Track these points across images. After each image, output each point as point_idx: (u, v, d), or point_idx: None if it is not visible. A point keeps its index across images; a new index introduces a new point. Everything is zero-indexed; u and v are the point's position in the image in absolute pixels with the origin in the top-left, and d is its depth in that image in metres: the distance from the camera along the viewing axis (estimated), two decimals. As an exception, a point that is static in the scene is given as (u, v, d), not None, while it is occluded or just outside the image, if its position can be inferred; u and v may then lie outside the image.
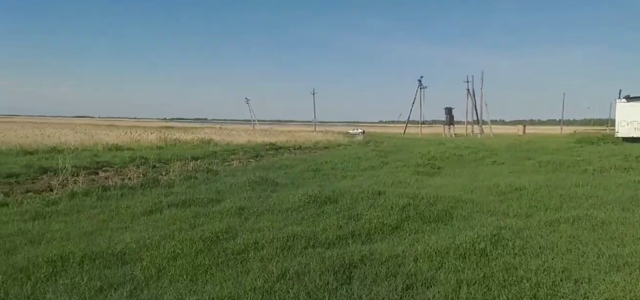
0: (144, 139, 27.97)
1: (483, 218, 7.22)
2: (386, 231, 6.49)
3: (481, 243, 5.45)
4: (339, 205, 8.08)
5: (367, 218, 7.01)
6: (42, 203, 8.49)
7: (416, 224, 6.84)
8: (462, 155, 20.06)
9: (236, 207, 7.95)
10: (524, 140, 33.19)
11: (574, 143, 26.87)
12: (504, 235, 5.83)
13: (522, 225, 6.56)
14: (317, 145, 32.05)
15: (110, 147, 23.18)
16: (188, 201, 8.62)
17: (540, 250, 5.36)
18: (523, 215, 7.51)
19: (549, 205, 8.24)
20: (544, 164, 15.30)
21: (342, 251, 5.36)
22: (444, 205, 7.85)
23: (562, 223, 6.69)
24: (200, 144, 28.48)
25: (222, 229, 6.35)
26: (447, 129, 65.85)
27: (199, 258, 5.30)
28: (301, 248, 5.63)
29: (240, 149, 25.29)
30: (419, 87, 70.75)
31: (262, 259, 5.23)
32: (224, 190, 10.17)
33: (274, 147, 28.44)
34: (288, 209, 7.91)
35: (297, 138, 38.89)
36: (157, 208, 8.07)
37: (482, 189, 10.25)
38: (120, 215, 7.63)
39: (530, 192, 9.48)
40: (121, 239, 6.06)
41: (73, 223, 7.06)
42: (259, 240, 5.83)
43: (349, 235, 6.26)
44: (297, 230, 6.33)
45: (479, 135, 59.94)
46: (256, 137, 38.87)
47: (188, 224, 6.87)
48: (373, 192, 8.98)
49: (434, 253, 5.25)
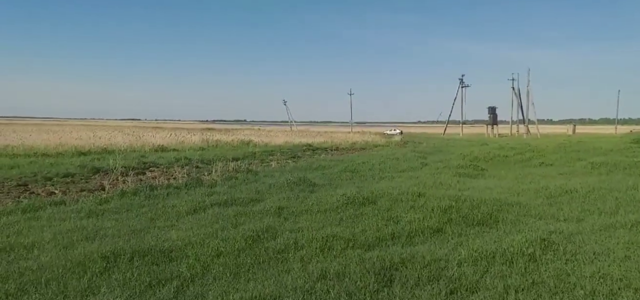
0: (187, 141, 28.86)
1: (531, 222, 6.93)
2: (427, 234, 6.35)
3: (530, 248, 5.22)
4: (377, 206, 8.00)
5: (407, 220, 6.90)
6: (95, 202, 8.93)
7: (459, 227, 6.65)
8: (507, 156, 19.38)
9: (276, 207, 8.05)
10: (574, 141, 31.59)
11: (631, 143, 25.24)
12: (554, 240, 5.56)
13: (573, 230, 6.24)
14: (354, 146, 31.94)
15: (156, 148, 24.09)
16: (229, 201, 8.81)
17: (594, 256, 5.06)
18: (574, 219, 7.14)
19: (603, 209, 7.79)
20: (597, 165, 14.50)
21: (382, 253, 5.30)
22: (489, 208, 7.60)
23: (618, 228, 6.31)
24: (240, 145, 29.08)
25: (263, 228, 6.44)
26: (490, 129, 63.96)
27: (241, 256, 5.40)
28: (341, 249, 5.61)
29: (278, 149, 25.60)
30: (460, 86, 69.09)
31: (302, 259, 5.26)
32: (263, 190, 10.31)
33: (311, 147, 28.58)
34: (326, 209, 7.91)
35: (333, 139, 38.92)
36: (201, 207, 8.29)
37: (530, 191, 9.84)
38: (166, 214, 7.89)
39: (582, 195, 9.01)
40: (168, 236, 6.28)
41: (123, 221, 7.37)
42: (298, 240, 5.86)
43: (389, 237, 6.18)
44: (336, 231, 6.32)
45: (525, 135, 57.75)
46: (293, 138, 39.22)
47: (230, 223, 7.01)
48: (413, 193, 8.83)
49: (479, 257, 5.09)
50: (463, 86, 68.97)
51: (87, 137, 28.02)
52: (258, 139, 34.00)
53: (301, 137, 41.56)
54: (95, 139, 26.42)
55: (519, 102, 63.12)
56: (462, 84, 68.98)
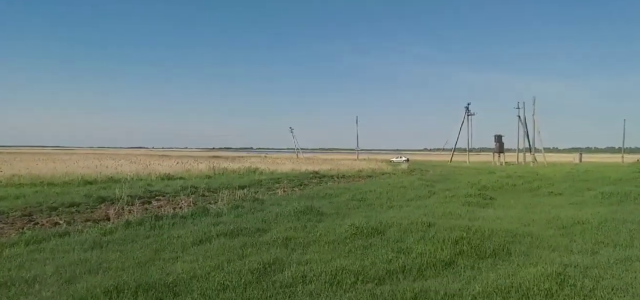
0: (194, 169, 28.89)
1: (545, 254, 6.74)
2: (439, 267, 6.18)
3: (546, 283, 5.04)
4: (386, 237, 7.85)
5: (417, 252, 6.73)
6: (100, 232, 8.83)
7: (471, 259, 6.48)
8: (516, 185, 19.18)
9: (283, 238, 7.92)
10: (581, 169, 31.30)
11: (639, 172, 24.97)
12: (570, 274, 5.38)
13: (589, 263, 6.05)
14: (361, 174, 31.79)
15: (163, 176, 24.09)
16: (236, 231, 8.68)
17: (613, 292, 4.88)
18: (589, 252, 6.94)
19: (617, 241, 7.60)
20: (607, 195, 14.26)
21: (393, 288, 5.14)
22: (501, 240, 7.42)
23: (634, 261, 6.12)
24: (246, 173, 29.04)
25: (270, 261, 6.30)
26: (497, 157, 63.64)
27: (248, 291, 5.25)
28: (350, 283, 5.45)
29: (285, 177, 25.51)
30: (466, 114, 69.19)
31: (311, 294, 5.11)
32: (270, 219, 10.19)
33: (317, 175, 28.47)
34: (334, 240, 7.76)
35: (340, 166, 38.82)
36: (207, 238, 8.17)
37: (541, 222, 9.65)
38: (171, 245, 7.77)
39: (595, 226, 8.82)
40: (173, 269, 6.14)
41: (128, 253, 7.25)
42: (306, 274, 5.71)
43: (400, 270, 6.01)
44: (345, 263, 6.16)
45: (532, 163, 57.37)
46: (300, 165, 39.17)
47: (236, 255, 6.87)
48: (422, 223, 8.67)
49: (494, 292, 4.91)
50: (469, 114, 69.12)
51: (94, 166, 28.14)
52: (264, 167, 34.00)
53: (307, 164, 41.53)
54: (102, 168, 26.51)
55: (525, 130, 63.06)
56: (468, 112, 69.15)
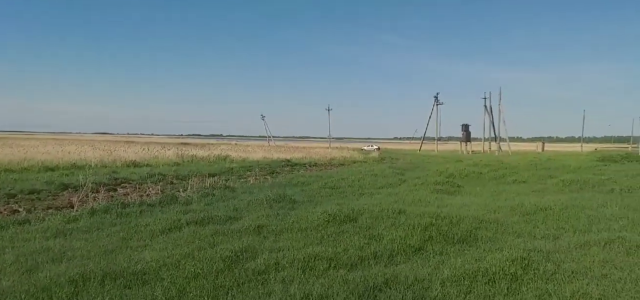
0: (161, 156, 28.24)
1: (510, 239, 6.99)
2: (409, 252, 6.30)
3: (511, 267, 5.23)
4: (358, 224, 7.93)
5: (388, 238, 6.84)
6: (63, 220, 8.52)
7: (440, 245, 6.63)
8: (482, 173, 19.73)
9: (255, 226, 7.87)
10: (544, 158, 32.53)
11: (597, 161, 26.22)
12: (533, 258, 5.60)
13: (551, 248, 6.31)
14: (333, 162, 31.95)
15: (129, 163, 23.45)
16: (206, 219, 8.56)
17: (573, 275, 5.12)
18: (551, 237, 7.24)
19: (577, 227, 7.95)
20: (568, 182, 14.89)
21: (365, 273, 5.21)
22: (468, 226, 7.63)
23: (593, 246, 6.42)
24: (216, 161, 28.65)
25: (242, 248, 6.25)
26: (464, 146, 65.19)
27: (220, 278, 5.20)
28: (323, 269, 5.49)
29: (256, 165, 25.33)
30: (435, 103, 70.40)
31: (284, 281, 5.11)
32: (241, 207, 10.11)
33: (289, 163, 28.41)
34: (307, 227, 7.78)
35: (312, 154, 38.87)
36: (176, 226, 8.02)
37: (506, 208, 9.97)
38: (139, 233, 7.59)
39: (557, 213, 9.19)
40: (141, 257, 6.00)
41: (93, 241, 7.04)
42: (279, 261, 5.71)
43: (371, 256, 6.09)
44: (318, 250, 6.19)
45: (497, 152, 59.12)
46: (272, 153, 38.96)
47: (207, 243, 6.78)
48: (393, 210, 8.80)
49: (462, 277, 5.06)
50: (438, 104, 70.36)
51: (55, 152, 27.00)
52: (235, 154, 33.62)
53: (279, 152, 41.33)
54: (64, 154, 25.49)
55: (491, 119, 64.81)
56: (437, 102, 70.37)
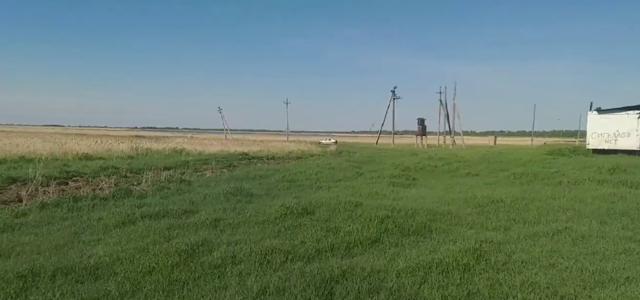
0: (115, 148, 27.16)
1: (463, 231, 7.24)
2: (366, 244, 6.40)
3: (464, 258, 5.43)
4: (316, 217, 7.98)
5: (345, 231, 6.92)
6: (11, 215, 8.11)
7: (395, 237, 6.79)
8: (436, 167, 20.29)
9: (211, 219, 7.76)
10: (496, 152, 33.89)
11: (546, 155, 27.54)
12: (485, 249, 5.84)
13: (502, 239, 6.60)
14: (290, 155, 31.89)
15: (81, 156, 22.41)
16: (162, 212, 8.36)
17: (523, 265, 5.38)
18: (502, 228, 7.56)
19: (527, 218, 8.35)
20: (519, 175, 15.54)
21: (322, 266, 5.26)
22: (423, 218, 7.85)
23: (541, 236, 6.76)
24: (172, 154, 27.89)
25: (198, 242, 6.15)
26: (420, 140, 66.83)
27: (175, 272, 5.10)
28: (280, 262, 5.49)
29: (213, 158, 24.86)
30: (392, 97, 71.71)
31: (240, 274, 5.07)
32: (198, 201, 9.92)
33: (247, 156, 28.10)
34: (264, 221, 7.75)
35: (270, 148, 38.59)
36: (131, 220, 7.78)
37: (459, 201, 10.32)
38: (92, 228, 7.32)
39: (508, 205, 9.60)
40: (94, 252, 5.81)
41: (44, 235, 6.73)
42: (236, 254, 5.66)
43: (329, 248, 6.15)
44: (275, 243, 6.19)
45: (451, 146, 61.05)
46: (229, 146, 38.35)
47: (163, 237, 6.62)
48: (350, 203, 8.91)
49: (416, 268, 5.21)
50: (395, 98, 71.72)
51: (2, 144, 25.34)
52: (191, 147, 32.81)
53: (237, 145, 40.75)
54: (11, 146, 23.95)
55: (446, 114, 66.86)
56: (394, 96, 71.71)
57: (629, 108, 30.56)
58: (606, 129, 30.95)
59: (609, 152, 28.55)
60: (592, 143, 31.45)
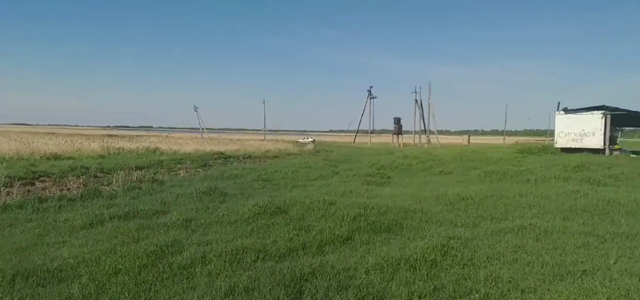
0: (85, 148, 26.47)
1: (432, 228, 7.36)
2: (337, 242, 6.44)
3: (431, 254, 5.53)
4: (289, 216, 7.99)
5: (318, 229, 6.95)
6: (-32, 218, 7.80)
7: (367, 234, 6.85)
8: (411, 165, 20.54)
9: (183, 219, 7.67)
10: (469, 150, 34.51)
11: (517, 153, 28.22)
12: (452, 246, 5.95)
13: (469, 235, 6.74)
14: (267, 154, 31.74)
15: (49, 156, 21.72)
16: (131, 213, 8.22)
17: (487, 260, 5.51)
18: (470, 225, 7.73)
19: (494, 215, 8.55)
20: (489, 173, 15.89)
21: (292, 264, 5.26)
22: (394, 216, 7.94)
23: (507, 233, 6.94)
24: (145, 153, 27.37)
25: (168, 242, 6.07)
26: (396, 139, 67.45)
27: (143, 274, 5.02)
28: (251, 261, 5.47)
29: (188, 157, 24.52)
30: (368, 97, 72.17)
31: (210, 274, 5.03)
32: (170, 201, 9.78)
33: (223, 156, 27.83)
34: (237, 220, 7.71)
35: (246, 147, 38.32)
36: (98, 221, 7.62)
37: (431, 198, 10.48)
38: (57, 229, 7.14)
39: (477, 202, 9.81)
40: (58, 254, 5.68)
41: (5, 238, 6.53)
42: (206, 254, 5.61)
43: (300, 247, 6.17)
44: (247, 242, 6.16)
45: (427, 145, 61.90)
46: (204, 145, 37.87)
47: (131, 237, 6.51)
48: (324, 202, 8.95)
49: (386, 264, 5.27)
50: (371, 97, 72.19)
51: (-39, 143, 24.40)
52: (166, 147, 32.28)
53: (213, 144, 40.27)
54: (-29, 145, 23.07)
55: (422, 113, 67.64)
56: (371, 95, 72.18)
57: (594, 108, 31.72)
58: (573, 128, 32.02)
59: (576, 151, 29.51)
60: (559, 142, 32.47)
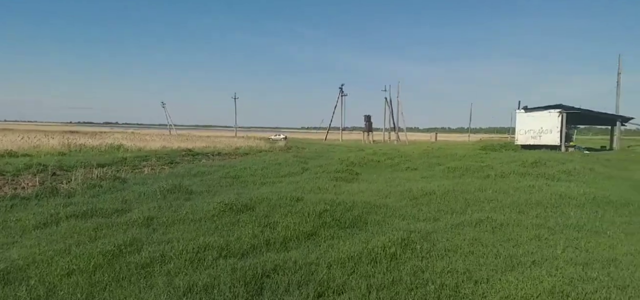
0: (44, 145, 25.45)
1: (395, 222, 7.47)
2: (302, 238, 6.43)
3: (392, 247, 5.60)
4: (256, 213, 7.91)
5: (283, 225, 6.91)
6: None
7: (332, 230, 6.87)
8: (379, 161, 20.78)
9: (144, 218, 7.48)
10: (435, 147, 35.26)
11: (480, 150, 29.06)
12: (413, 239, 6.05)
13: (430, 229, 6.88)
14: (238, 151, 31.39)
15: (3, 153, 20.76)
16: (90, 212, 7.96)
17: (445, 253, 5.64)
18: (432, 219, 7.88)
19: (455, 209, 8.76)
20: (453, 169, 16.28)
21: (255, 261, 5.21)
22: (360, 211, 8.00)
23: (466, 226, 7.13)
24: (109, 150, 26.57)
25: (127, 242, 5.91)
26: (366, 136, 68.04)
27: (97, 274, 4.87)
28: (212, 259, 5.39)
29: (154, 155, 23.95)
30: (340, 94, 72.43)
31: (169, 273, 4.92)
32: (131, 199, 9.52)
33: (191, 153, 27.32)
34: (201, 218, 7.58)
35: (216, 144, 37.77)
36: (54, 220, 7.35)
37: (396, 194, 10.63)
38: (8, 229, 6.85)
39: (439, 196, 10.02)
40: (6, 256, 5.45)
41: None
42: (166, 253, 5.49)
43: (264, 244, 6.12)
44: (210, 240, 6.07)
45: (396, 142, 62.75)
46: (172, 142, 37.11)
47: (88, 237, 6.31)
48: (291, 198, 8.92)
49: (347, 259, 5.30)
50: (343, 95, 72.47)
51: None
52: (131, 144, 31.43)
53: (181, 141, 39.52)
54: None
55: (391, 111, 68.51)
56: (342, 93, 72.45)
57: (551, 107, 33.06)
58: (532, 126, 33.31)
59: (535, 147, 30.68)
60: (520, 139, 33.68)
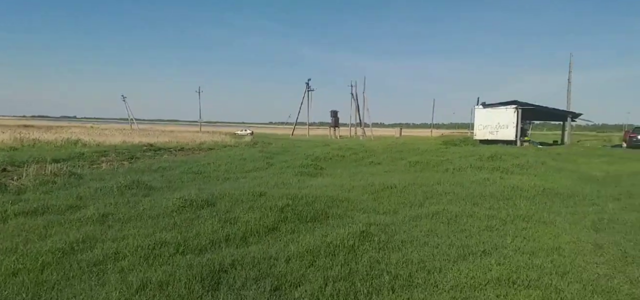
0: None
1: (356, 215, 7.56)
2: (262, 233, 6.40)
3: (350, 240, 5.68)
4: (216, 208, 7.83)
5: (244, 221, 6.86)
6: None
7: (293, 224, 6.88)
8: (344, 156, 20.96)
9: (99, 214, 7.25)
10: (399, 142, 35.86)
11: (440, 145, 29.82)
12: (372, 231, 6.16)
13: (389, 221, 7.01)
14: (202, 146, 30.83)
15: (-54, 148, 19.58)
16: (41, 208, 7.64)
17: (402, 244, 5.77)
18: (391, 212, 8.04)
19: (413, 202, 8.97)
20: (414, 163, 16.66)
21: (213, 257, 5.16)
22: (322, 205, 8.04)
23: (423, 218, 7.32)
24: (65, 145, 25.53)
25: (79, 239, 5.73)
26: (333, 131, 68.42)
27: (46, 273, 4.69)
28: (169, 255, 5.29)
29: (113, 150, 23.18)
30: (307, 89, 72.37)
31: (122, 270, 4.80)
32: (87, 195, 9.19)
33: (152, 148, 26.61)
34: (159, 214, 7.42)
35: (179, 138, 36.95)
36: (0, 218, 6.99)
37: (359, 188, 10.76)
38: (-52, 230, 6.42)
39: (400, 190, 10.22)
40: (-55, 258, 5.10)
41: None
42: (120, 250, 5.35)
43: (223, 239, 6.06)
44: (167, 236, 5.96)
45: (361, 137, 63.41)
46: (133, 137, 36.04)
47: (37, 235, 6.06)
48: (254, 193, 8.87)
49: (306, 252, 5.33)
50: (309, 90, 72.43)
51: None
52: (89, 138, 30.28)
53: (143, 136, 38.40)
54: None
55: (357, 106, 69.11)
56: (308, 88, 72.38)
57: (508, 103, 34.39)
58: (490, 121, 34.56)
59: (492, 142, 31.80)
60: (478, 134, 34.86)
